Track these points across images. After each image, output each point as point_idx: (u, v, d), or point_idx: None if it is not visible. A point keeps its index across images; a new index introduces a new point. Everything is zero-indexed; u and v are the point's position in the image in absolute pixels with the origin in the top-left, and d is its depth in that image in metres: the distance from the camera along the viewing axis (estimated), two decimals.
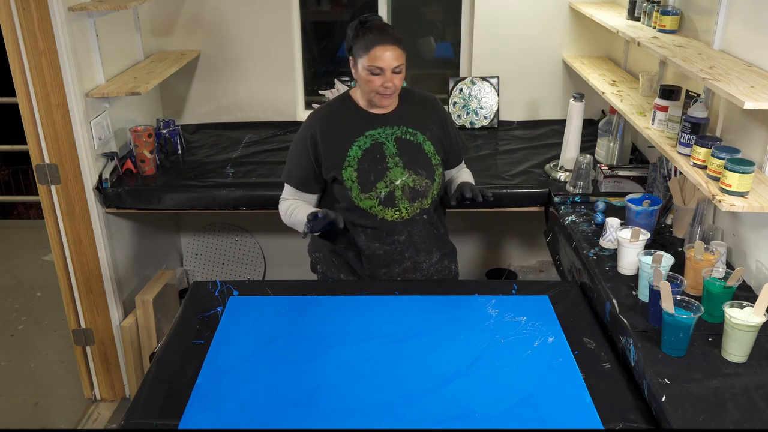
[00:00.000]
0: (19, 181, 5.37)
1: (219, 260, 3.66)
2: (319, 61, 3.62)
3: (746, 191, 1.67)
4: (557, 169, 2.72)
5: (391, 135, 2.05)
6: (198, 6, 3.21)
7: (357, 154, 2.03)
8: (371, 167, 2.02)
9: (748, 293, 1.83)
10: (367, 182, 2.02)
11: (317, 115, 2.10)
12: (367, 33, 1.92)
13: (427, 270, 2.17)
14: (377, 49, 1.90)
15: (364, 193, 2.02)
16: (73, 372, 3.07)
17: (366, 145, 2.03)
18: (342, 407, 1.54)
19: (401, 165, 2.04)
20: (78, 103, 2.50)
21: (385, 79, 1.94)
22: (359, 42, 1.93)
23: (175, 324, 1.88)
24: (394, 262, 2.11)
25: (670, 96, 2.10)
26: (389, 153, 2.04)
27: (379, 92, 1.97)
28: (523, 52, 3.26)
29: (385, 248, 2.09)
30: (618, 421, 1.51)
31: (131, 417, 1.54)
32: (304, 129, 2.08)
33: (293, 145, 2.12)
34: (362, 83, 1.98)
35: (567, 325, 1.86)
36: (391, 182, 2.03)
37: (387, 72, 1.92)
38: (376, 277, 2.13)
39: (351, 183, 2.02)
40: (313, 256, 2.27)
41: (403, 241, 2.09)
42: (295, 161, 2.10)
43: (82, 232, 2.68)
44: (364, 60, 1.92)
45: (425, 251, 2.14)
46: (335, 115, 2.08)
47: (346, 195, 2.04)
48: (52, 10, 2.35)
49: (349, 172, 2.02)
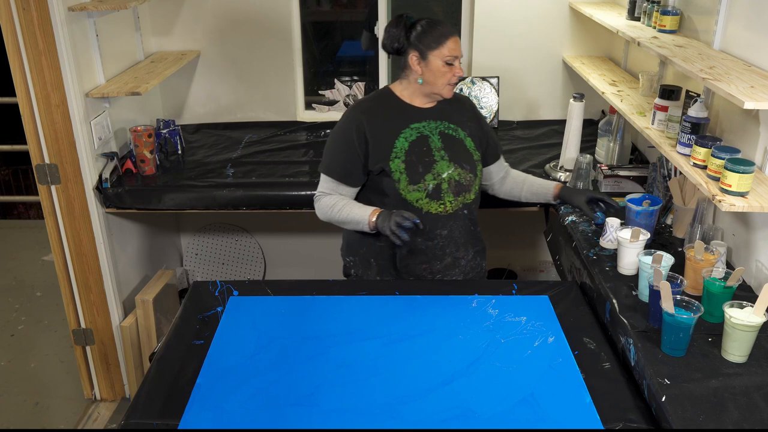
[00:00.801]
0: (19, 181, 5.37)
1: (219, 260, 3.66)
2: (319, 61, 3.63)
3: (746, 191, 1.67)
4: (557, 169, 2.73)
5: (436, 129, 2.07)
6: (198, 6, 3.21)
7: (404, 146, 2.03)
8: (419, 159, 2.03)
9: (748, 293, 1.83)
10: (416, 174, 2.02)
11: (361, 107, 2.09)
12: (434, 26, 1.98)
13: (465, 266, 2.17)
14: (451, 40, 1.98)
15: (412, 184, 2.02)
16: (73, 372, 3.07)
17: (412, 137, 2.04)
18: (342, 407, 1.54)
19: (447, 158, 2.05)
20: (78, 103, 2.50)
21: (457, 68, 2.00)
22: (428, 36, 1.97)
23: (175, 324, 1.88)
24: (435, 258, 2.11)
25: (670, 96, 2.10)
26: (435, 146, 2.05)
27: (451, 83, 2.02)
28: (523, 52, 3.26)
29: (427, 243, 2.09)
30: (618, 421, 1.51)
31: (131, 417, 1.54)
32: (347, 121, 2.07)
33: (335, 137, 2.10)
34: (435, 76, 2.00)
35: (567, 325, 1.86)
36: (438, 175, 2.03)
37: (458, 61, 2.00)
38: (415, 274, 2.13)
39: (399, 174, 2.02)
40: (346, 261, 2.25)
41: (444, 236, 2.09)
42: (337, 153, 2.08)
43: (82, 232, 2.68)
44: (439, 51, 1.97)
45: (463, 247, 2.14)
46: (379, 107, 2.08)
47: (394, 187, 2.03)
48: (52, 10, 2.35)
49: (396, 164, 2.02)
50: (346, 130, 2.06)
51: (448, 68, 1.99)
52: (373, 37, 3.41)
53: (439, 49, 1.97)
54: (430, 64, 1.99)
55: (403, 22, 2.00)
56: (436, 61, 1.98)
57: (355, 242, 2.18)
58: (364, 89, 3.45)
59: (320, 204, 2.11)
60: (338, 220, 2.07)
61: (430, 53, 1.97)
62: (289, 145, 3.17)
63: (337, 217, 2.07)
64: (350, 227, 2.08)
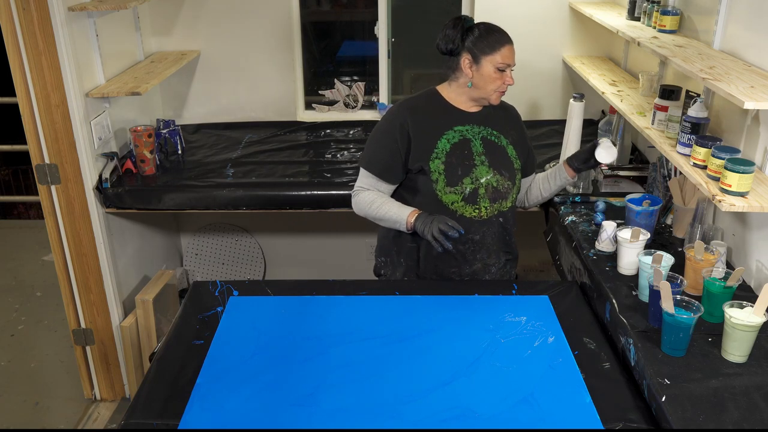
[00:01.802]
0: (19, 181, 5.37)
1: (219, 260, 3.66)
2: (319, 61, 3.62)
3: (746, 191, 1.67)
4: None
5: (478, 134, 2.06)
6: (198, 6, 3.21)
7: (445, 147, 2.03)
8: (459, 162, 2.02)
9: (748, 293, 1.83)
10: (454, 176, 2.02)
11: (406, 105, 2.09)
12: (489, 32, 1.98)
13: (495, 273, 2.16)
14: (506, 48, 1.98)
15: (449, 186, 2.02)
16: (73, 372, 3.07)
17: (454, 140, 2.04)
18: (342, 407, 1.54)
19: (487, 164, 2.04)
20: (78, 103, 2.50)
21: (508, 76, 2.00)
22: (483, 41, 1.97)
23: (175, 324, 1.88)
24: (466, 262, 2.11)
25: (670, 96, 2.10)
26: (476, 150, 2.04)
27: (500, 90, 2.02)
28: (523, 52, 3.22)
29: (459, 247, 2.08)
30: (618, 421, 1.51)
31: (131, 417, 1.54)
32: (392, 117, 2.07)
33: (377, 133, 2.09)
34: (485, 81, 2.00)
35: (567, 325, 1.86)
36: (476, 179, 2.03)
37: (509, 69, 2.00)
38: (445, 277, 2.12)
39: (438, 175, 2.02)
40: (379, 261, 2.25)
41: (477, 241, 2.09)
42: (380, 149, 2.07)
43: (82, 232, 2.68)
44: (492, 57, 1.97)
45: (495, 254, 2.14)
46: (424, 106, 2.08)
47: (431, 187, 2.03)
48: (52, 10, 2.35)
49: (436, 164, 2.02)
50: (389, 126, 2.06)
51: (499, 75, 1.98)
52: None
53: (493, 54, 1.96)
54: (482, 69, 1.98)
55: (461, 24, 1.99)
56: (488, 67, 1.98)
57: (388, 243, 2.18)
58: (363, 89, 3.45)
59: (358, 199, 2.10)
60: (376, 217, 2.07)
61: (483, 58, 1.97)
62: (289, 145, 3.17)
63: (375, 214, 2.06)
64: (387, 225, 2.07)
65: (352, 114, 3.49)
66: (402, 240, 2.13)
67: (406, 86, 3.65)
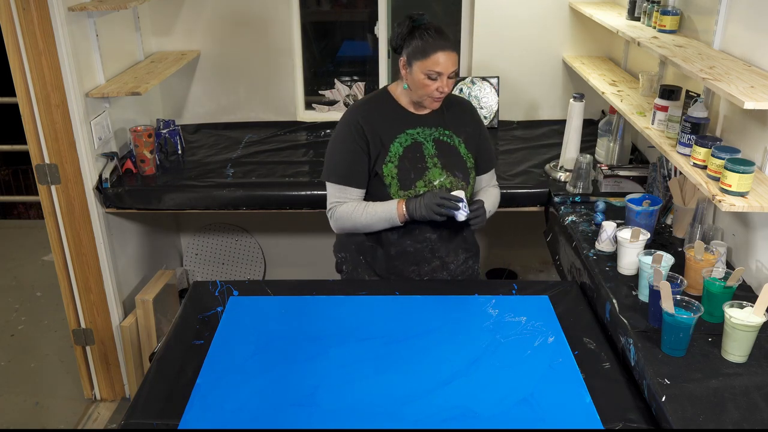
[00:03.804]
0: (19, 181, 5.38)
1: (219, 260, 3.66)
2: (319, 61, 3.63)
3: (746, 191, 1.67)
4: (557, 169, 2.72)
5: (430, 135, 2.05)
6: (198, 6, 3.21)
7: (398, 151, 2.01)
8: (411, 165, 2.01)
9: (748, 293, 1.83)
10: (407, 180, 2.01)
11: (359, 108, 2.06)
12: (426, 36, 1.90)
13: (455, 270, 2.16)
14: (438, 54, 1.89)
15: (403, 190, 2.01)
16: (73, 372, 3.07)
17: (407, 143, 2.02)
18: (342, 407, 1.54)
19: (440, 166, 2.03)
20: (78, 103, 2.50)
21: (441, 84, 1.93)
22: (416, 44, 1.90)
23: (175, 324, 1.88)
24: (424, 261, 2.11)
25: (670, 96, 2.10)
26: (428, 153, 2.03)
27: (432, 96, 1.96)
28: (523, 52, 3.26)
29: (416, 246, 2.08)
30: (618, 421, 1.51)
31: (131, 417, 1.54)
32: (346, 122, 2.04)
33: (335, 141, 2.06)
34: (416, 86, 1.96)
35: (567, 325, 1.86)
36: (429, 182, 2.01)
37: (444, 77, 1.92)
38: (403, 276, 2.12)
39: (391, 179, 2.01)
40: (338, 257, 2.23)
41: (434, 240, 2.08)
42: (340, 156, 2.03)
43: (82, 232, 2.68)
44: (422, 63, 1.90)
45: (453, 251, 2.13)
46: (376, 109, 2.05)
47: (384, 191, 2.02)
48: (52, 10, 2.35)
49: (389, 168, 2.01)
50: (346, 132, 2.04)
51: (430, 82, 1.92)
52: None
53: (423, 60, 1.89)
54: (413, 73, 1.94)
55: (408, 22, 1.94)
56: (418, 72, 1.92)
57: (345, 239, 2.17)
58: (364, 89, 3.45)
59: (337, 214, 2.04)
60: (363, 224, 2.02)
61: (414, 62, 1.92)
62: (289, 145, 3.17)
63: (362, 221, 2.01)
64: (377, 228, 2.04)
65: None
66: (360, 238, 2.12)
67: None
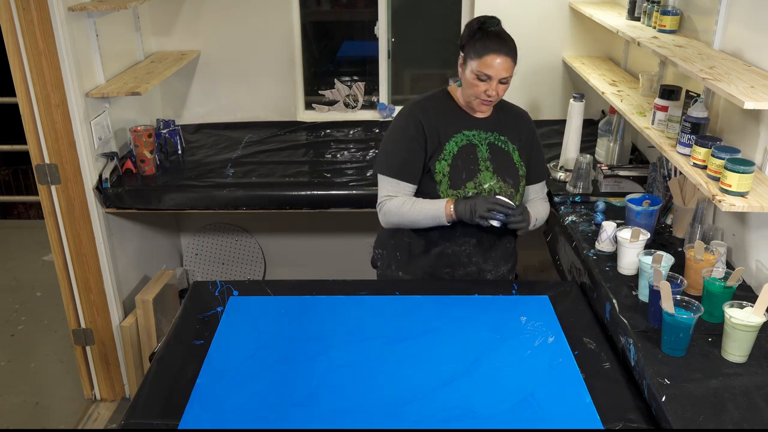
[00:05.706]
0: (19, 181, 5.38)
1: (219, 260, 3.66)
2: (319, 61, 3.62)
3: (746, 191, 1.67)
4: (557, 169, 2.72)
5: (485, 139, 2.04)
6: (198, 6, 3.21)
7: (453, 150, 2.01)
8: (464, 166, 2.01)
9: (748, 293, 1.83)
10: (458, 179, 2.00)
11: (419, 104, 2.07)
12: (484, 37, 1.91)
13: (489, 277, 2.15)
14: (490, 57, 1.90)
15: (452, 189, 2.00)
16: (73, 372, 3.07)
17: (462, 143, 2.02)
18: (342, 407, 1.54)
19: (491, 170, 2.02)
20: (78, 103, 2.50)
21: (490, 87, 1.93)
22: (474, 44, 1.92)
23: (175, 324, 1.88)
24: (459, 264, 2.10)
25: (670, 96, 2.10)
26: (482, 156, 2.02)
27: (480, 98, 1.96)
28: (523, 52, 3.22)
29: (455, 248, 2.08)
30: (618, 421, 1.52)
31: (131, 417, 1.54)
32: (405, 116, 2.05)
33: (392, 134, 2.06)
34: (467, 85, 1.97)
35: (567, 325, 1.86)
36: (479, 184, 2.01)
37: (494, 81, 1.92)
38: (438, 276, 2.12)
39: (442, 177, 2.01)
40: (375, 252, 2.24)
41: (473, 245, 2.08)
42: (398, 149, 2.03)
43: (82, 232, 2.68)
44: (475, 64, 1.91)
45: (492, 261, 2.12)
46: (435, 107, 2.06)
47: (434, 188, 2.02)
48: (52, 10, 2.35)
49: (442, 165, 2.00)
50: (403, 126, 2.04)
51: (479, 83, 1.93)
52: None
53: (476, 60, 1.91)
54: (466, 73, 1.96)
55: (476, 23, 1.96)
56: (470, 71, 1.94)
57: (385, 236, 2.18)
58: (363, 89, 3.45)
59: (388, 207, 2.03)
60: (410, 220, 2.01)
61: (469, 61, 1.94)
62: (289, 145, 3.17)
63: (409, 216, 2.00)
64: (423, 225, 2.02)
65: (352, 114, 3.49)
66: (399, 234, 2.13)
67: (406, 86, 3.65)
